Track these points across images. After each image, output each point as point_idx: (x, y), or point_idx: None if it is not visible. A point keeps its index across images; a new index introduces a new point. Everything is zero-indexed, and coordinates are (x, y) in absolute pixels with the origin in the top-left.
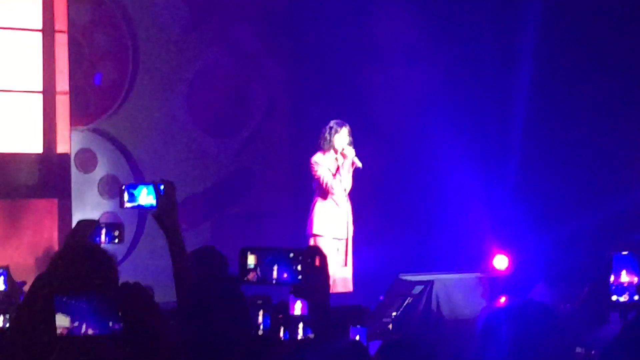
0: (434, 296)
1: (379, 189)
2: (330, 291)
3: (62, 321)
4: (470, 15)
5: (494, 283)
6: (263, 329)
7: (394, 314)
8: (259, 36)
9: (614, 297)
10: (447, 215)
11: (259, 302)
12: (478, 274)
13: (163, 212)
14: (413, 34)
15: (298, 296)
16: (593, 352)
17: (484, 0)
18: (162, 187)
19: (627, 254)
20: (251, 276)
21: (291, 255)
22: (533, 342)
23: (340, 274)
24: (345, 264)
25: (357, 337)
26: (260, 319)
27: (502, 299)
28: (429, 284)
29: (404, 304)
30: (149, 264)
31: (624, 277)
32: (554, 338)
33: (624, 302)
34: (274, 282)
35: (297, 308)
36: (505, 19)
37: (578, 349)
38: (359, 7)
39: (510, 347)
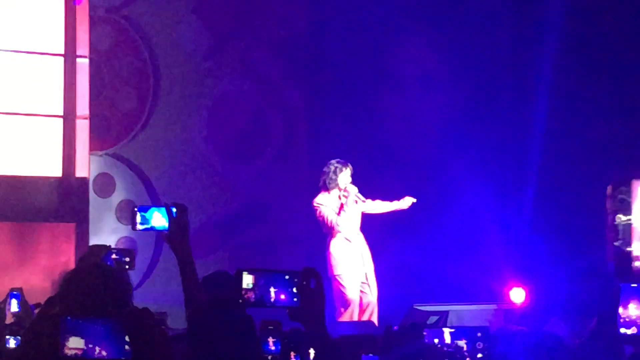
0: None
1: (396, 220)
2: (360, 318)
3: (75, 343)
4: (489, 46)
5: (510, 315)
6: (273, 355)
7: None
8: (278, 63)
9: (622, 330)
10: (463, 246)
11: (270, 327)
12: (494, 306)
13: (175, 234)
14: (431, 63)
15: (293, 319)
16: None
17: (502, 31)
18: (174, 209)
19: (637, 286)
20: (247, 296)
21: (287, 277)
22: None
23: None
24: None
25: None
26: (271, 344)
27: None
28: (444, 314)
29: None
30: (164, 290)
31: (633, 310)
32: None
33: (631, 335)
34: (271, 304)
35: None
36: (523, 50)
37: None
38: (378, 35)
39: None
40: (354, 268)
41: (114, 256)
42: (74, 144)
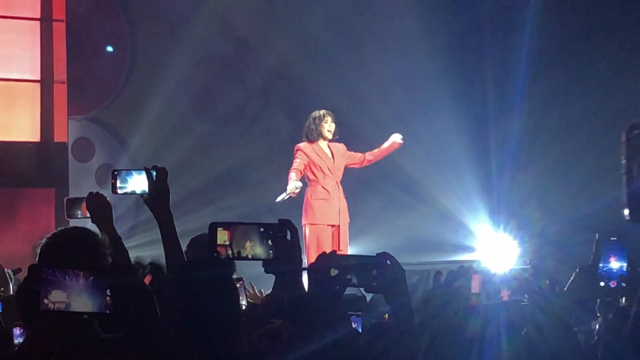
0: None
1: (376, 177)
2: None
3: (58, 296)
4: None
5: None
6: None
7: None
8: (258, 24)
9: (602, 283)
10: (445, 204)
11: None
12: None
13: (155, 197)
14: (412, 22)
15: (269, 271)
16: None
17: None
18: (154, 173)
19: (616, 240)
20: (223, 252)
21: (262, 229)
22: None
23: None
24: (339, 251)
25: (354, 326)
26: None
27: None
28: (426, 272)
29: None
30: (145, 254)
31: (613, 264)
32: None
33: (612, 288)
34: (249, 258)
35: None
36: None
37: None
38: None
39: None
40: (326, 219)
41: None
42: (52, 108)
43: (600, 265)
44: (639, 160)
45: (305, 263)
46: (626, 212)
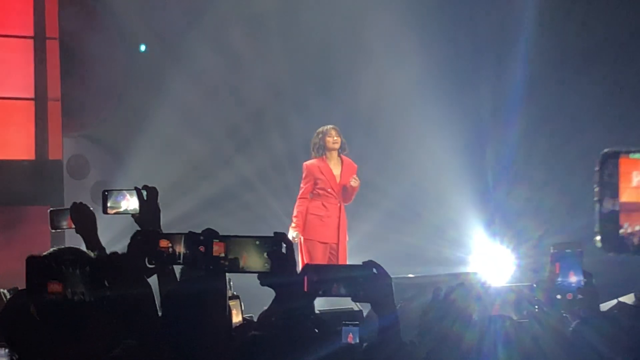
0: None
1: (371, 191)
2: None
3: (54, 288)
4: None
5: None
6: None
7: None
8: (251, 39)
9: (559, 296)
10: (441, 217)
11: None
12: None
13: (146, 217)
14: (407, 36)
15: (264, 284)
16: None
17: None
18: (144, 192)
19: (570, 253)
20: (219, 263)
21: (257, 242)
22: None
23: None
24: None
25: (351, 336)
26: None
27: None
28: (423, 286)
29: (397, 307)
30: None
31: (572, 277)
32: None
33: (569, 300)
34: (242, 270)
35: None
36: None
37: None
38: (351, 7)
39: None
40: (321, 236)
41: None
42: (46, 126)
43: (559, 279)
44: (611, 189)
45: None
46: (598, 239)
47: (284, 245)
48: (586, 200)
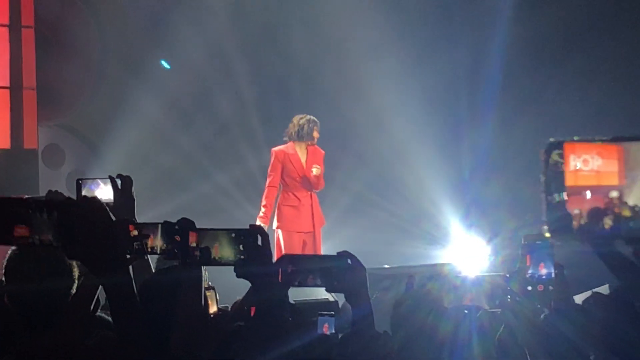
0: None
1: (346, 180)
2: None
3: (20, 232)
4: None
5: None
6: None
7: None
8: (227, 30)
9: (529, 287)
10: (417, 208)
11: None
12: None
13: (120, 206)
14: (385, 27)
15: (240, 276)
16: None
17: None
18: (119, 181)
19: (541, 244)
20: (193, 255)
21: (233, 235)
22: None
23: None
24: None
25: (326, 326)
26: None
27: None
28: (398, 276)
29: (372, 298)
30: None
31: (542, 269)
32: None
33: (540, 292)
34: (216, 261)
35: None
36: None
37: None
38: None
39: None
40: (297, 226)
41: None
42: (21, 115)
43: (530, 271)
44: (557, 179)
45: None
46: (545, 228)
47: (260, 237)
48: None
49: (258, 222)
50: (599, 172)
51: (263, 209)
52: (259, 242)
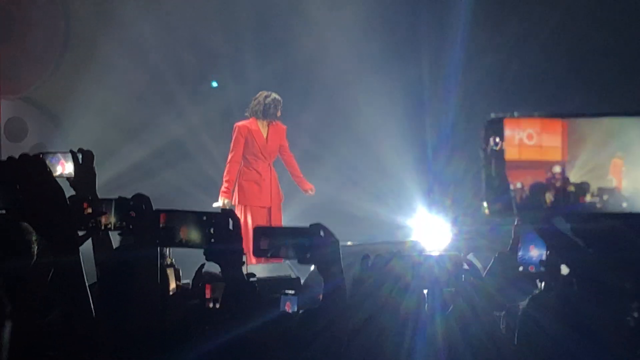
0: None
1: (309, 158)
2: (260, 262)
3: None
4: None
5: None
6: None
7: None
8: (192, 3)
9: (521, 268)
10: (380, 186)
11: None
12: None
13: (81, 181)
14: (348, 7)
15: (210, 259)
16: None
17: None
18: (80, 155)
19: (539, 230)
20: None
21: (204, 218)
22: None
23: None
24: None
25: (289, 305)
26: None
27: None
28: (361, 254)
29: None
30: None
31: (533, 251)
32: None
33: (531, 273)
34: (185, 243)
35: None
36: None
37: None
38: None
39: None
40: (258, 200)
41: None
42: None
43: (520, 253)
44: (496, 155)
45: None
46: (485, 206)
47: (231, 220)
48: None
49: (220, 197)
50: (542, 147)
51: (226, 184)
52: (230, 226)
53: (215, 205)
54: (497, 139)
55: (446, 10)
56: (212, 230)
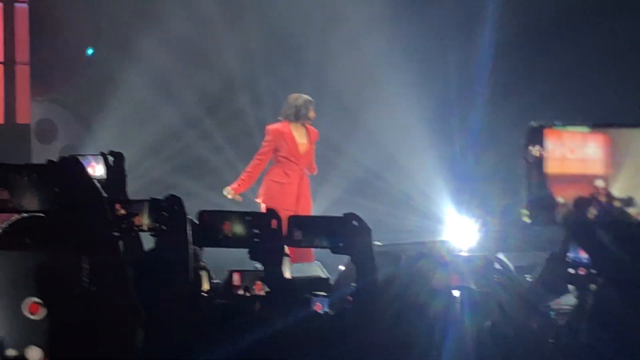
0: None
1: (338, 158)
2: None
3: (1, 194)
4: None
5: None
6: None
7: (354, 284)
8: (219, 6)
9: (572, 270)
10: (409, 185)
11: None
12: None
13: (111, 183)
14: (375, 8)
15: (254, 259)
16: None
17: None
18: (111, 158)
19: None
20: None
21: (248, 218)
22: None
23: None
24: None
25: (320, 306)
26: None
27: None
28: (390, 254)
29: None
30: None
31: (583, 253)
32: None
33: (581, 275)
34: (225, 243)
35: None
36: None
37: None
38: None
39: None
40: (280, 202)
41: None
42: (14, 90)
43: (571, 255)
44: (538, 163)
45: None
46: (526, 214)
47: (274, 220)
48: None
49: (228, 188)
50: (585, 161)
51: (242, 178)
52: (273, 226)
53: (224, 192)
54: (538, 147)
55: (476, 12)
56: (255, 230)
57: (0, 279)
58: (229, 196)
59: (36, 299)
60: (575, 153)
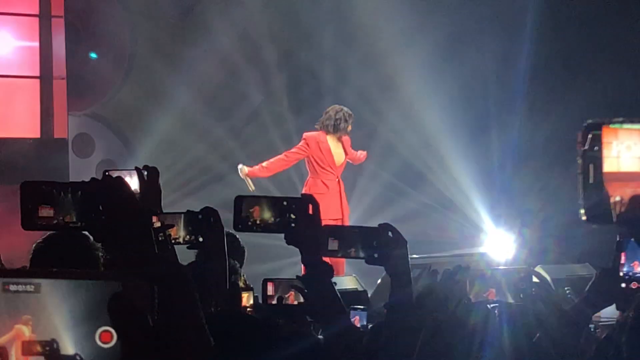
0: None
1: (376, 169)
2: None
3: (46, 212)
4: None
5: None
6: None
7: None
8: (257, 18)
9: (623, 284)
10: (446, 198)
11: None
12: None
13: (146, 198)
14: (413, 16)
15: (290, 244)
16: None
17: None
18: (145, 173)
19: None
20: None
21: (285, 203)
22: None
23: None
24: None
25: (357, 319)
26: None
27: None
28: (427, 267)
29: None
30: None
31: (637, 267)
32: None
33: (633, 289)
34: (270, 229)
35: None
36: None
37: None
38: None
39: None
40: (324, 213)
41: None
42: (51, 104)
43: (625, 269)
44: (594, 159)
45: None
46: (582, 212)
47: (311, 206)
48: None
49: (243, 167)
50: None
51: (262, 165)
52: (310, 211)
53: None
54: (594, 145)
55: (514, 20)
56: (292, 215)
57: (76, 307)
58: (241, 174)
59: (108, 328)
60: (632, 151)
